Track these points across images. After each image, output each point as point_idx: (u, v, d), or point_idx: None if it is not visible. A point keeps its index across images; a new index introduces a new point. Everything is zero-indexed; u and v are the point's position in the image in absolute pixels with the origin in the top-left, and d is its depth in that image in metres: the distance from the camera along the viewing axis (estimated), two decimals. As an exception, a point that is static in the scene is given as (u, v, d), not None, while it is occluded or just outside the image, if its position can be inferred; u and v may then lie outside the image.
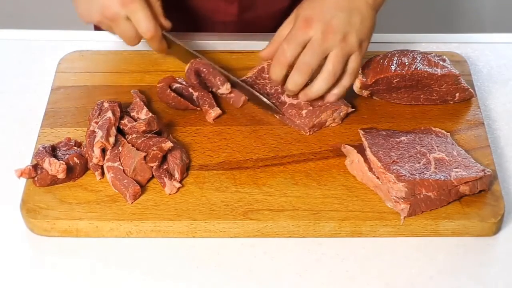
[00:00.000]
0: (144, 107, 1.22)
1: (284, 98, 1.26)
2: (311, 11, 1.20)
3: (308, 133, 1.23)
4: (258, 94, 1.25)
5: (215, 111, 1.24)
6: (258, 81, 1.29)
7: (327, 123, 1.24)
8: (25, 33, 1.43)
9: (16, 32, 1.43)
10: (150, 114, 1.21)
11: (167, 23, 1.30)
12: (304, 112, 1.23)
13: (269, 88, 1.28)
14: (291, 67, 1.21)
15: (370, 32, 1.22)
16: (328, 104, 1.23)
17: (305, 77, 1.20)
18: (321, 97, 1.23)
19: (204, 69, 1.27)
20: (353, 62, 1.21)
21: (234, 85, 1.27)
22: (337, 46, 1.18)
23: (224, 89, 1.26)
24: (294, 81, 1.21)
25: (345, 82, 1.22)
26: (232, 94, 1.27)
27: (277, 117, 1.25)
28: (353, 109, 1.25)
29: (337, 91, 1.22)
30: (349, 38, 1.19)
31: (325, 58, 1.19)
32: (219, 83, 1.25)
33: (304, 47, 1.19)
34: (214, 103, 1.25)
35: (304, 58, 1.19)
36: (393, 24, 1.34)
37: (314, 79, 1.21)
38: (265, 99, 1.24)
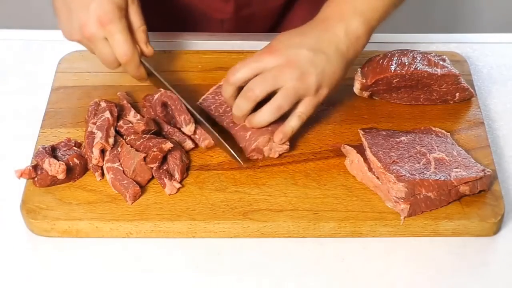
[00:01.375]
0: (132, 109, 1.22)
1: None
2: (277, 43, 1.16)
3: (252, 158, 1.18)
4: (223, 142, 1.18)
5: (187, 145, 1.20)
6: (216, 98, 1.24)
7: (265, 153, 1.18)
8: (25, 33, 1.43)
9: (16, 32, 1.43)
10: (138, 115, 1.21)
11: (149, 51, 1.23)
12: (248, 134, 1.19)
13: (225, 107, 1.23)
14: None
15: (333, 78, 1.16)
16: (269, 129, 1.18)
17: (248, 104, 1.15)
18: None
19: (171, 104, 1.20)
20: (304, 106, 1.15)
21: (200, 125, 1.21)
22: (291, 82, 1.13)
23: (187, 130, 1.19)
24: (238, 106, 1.16)
25: (292, 123, 1.16)
26: (196, 136, 1.20)
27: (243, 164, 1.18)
28: (287, 146, 1.18)
29: (284, 129, 1.16)
30: (307, 78, 1.13)
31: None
32: (183, 122, 1.19)
33: (258, 73, 1.15)
34: (185, 137, 1.20)
35: (252, 84, 1.15)
36: (393, 24, 1.33)
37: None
38: (229, 149, 1.17)
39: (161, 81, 1.24)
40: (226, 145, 1.17)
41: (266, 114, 1.16)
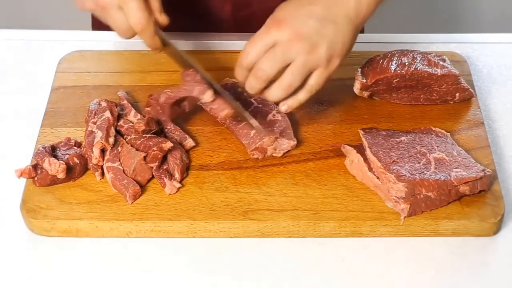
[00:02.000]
0: (132, 108, 1.22)
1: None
2: (283, 14, 1.13)
3: (252, 156, 1.18)
4: (244, 110, 1.17)
5: (188, 143, 1.20)
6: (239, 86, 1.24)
7: (269, 152, 1.18)
8: (25, 33, 1.43)
9: (16, 32, 1.43)
10: (139, 115, 1.21)
11: (163, 19, 1.20)
12: (252, 132, 1.19)
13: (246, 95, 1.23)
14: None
15: (343, 48, 1.13)
16: (274, 128, 1.19)
17: (260, 83, 1.13)
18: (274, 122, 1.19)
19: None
20: (314, 79, 1.13)
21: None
22: (301, 56, 1.10)
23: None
24: (250, 85, 1.14)
25: (300, 96, 1.15)
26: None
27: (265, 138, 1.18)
28: (294, 143, 1.19)
29: (290, 102, 1.15)
30: (317, 50, 1.11)
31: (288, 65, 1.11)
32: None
33: (267, 50, 1.13)
34: (186, 135, 1.20)
35: (262, 64, 1.12)
36: (393, 24, 1.33)
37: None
38: (251, 117, 1.16)
39: (177, 51, 1.22)
40: (247, 114, 1.15)
41: (278, 92, 1.13)
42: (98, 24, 1.40)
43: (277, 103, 1.18)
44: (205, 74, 1.20)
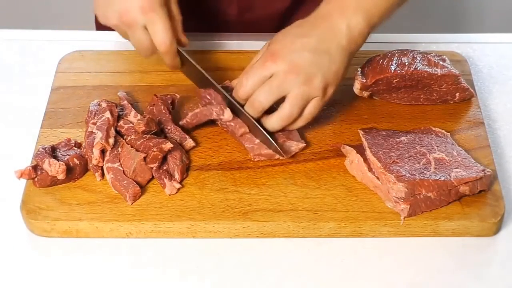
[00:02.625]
0: (132, 109, 1.22)
1: None
2: (278, 47, 1.15)
3: (254, 159, 1.19)
4: (264, 132, 1.17)
5: (188, 143, 1.20)
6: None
7: (276, 156, 1.19)
8: (25, 33, 1.43)
9: (16, 32, 1.43)
10: (139, 115, 1.21)
11: (185, 40, 1.25)
12: (257, 140, 1.19)
13: None
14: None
15: (337, 77, 1.16)
16: (280, 133, 1.19)
17: (256, 113, 1.17)
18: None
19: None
20: (312, 107, 1.16)
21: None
22: (298, 88, 1.14)
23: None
24: (247, 113, 1.18)
25: (297, 124, 1.18)
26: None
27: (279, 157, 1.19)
28: (304, 145, 1.20)
29: (288, 128, 1.19)
30: (313, 81, 1.14)
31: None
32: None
33: (263, 82, 1.15)
34: (186, 136, 1.20)
35: (259, 95, 1.15)
36: (393, 24, 1.33)
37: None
38: (270, 140, 1.17)
39: (196, 69, 1.23)
40: (267, 135, 1.16)
41: (277, 122, 1.17)
42: (103, 25, 1.41)
43: None
44: (223, 91, 1.21)
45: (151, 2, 1.17)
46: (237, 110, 1.19)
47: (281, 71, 1.14)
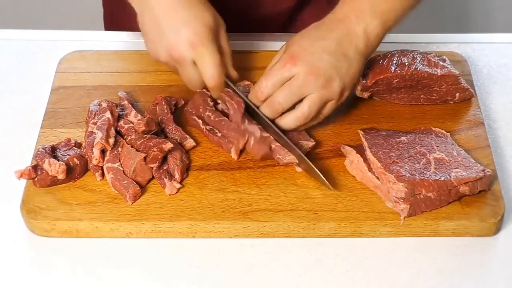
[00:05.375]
0: (132, 109, 1.22)
1: None
2: (298, 49, 1.16)
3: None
4: (312, 166, 1.15)
5: (189, 143, 1.20)
6: None
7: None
8: (25, 33, 1.43)
9: (16, 32, 1.43)
10: (139, 115, 1.21)
11: (234, 75, 1.23)
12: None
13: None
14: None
15: (353, 81, 1.18)
16: (289, 135, 1.19)
17: (274, 114, 1.17)
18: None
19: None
20: (327, 110, 1.18)
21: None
22: (317, 90, 1.15)
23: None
24: (265, 113, 1.18)
25: (309, 124, 1.19)
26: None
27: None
28: (313, 143, 1.19)
29: (299, 128, 1.20)
30: (332, 84, 1.15)
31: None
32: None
33: (283, 83, 1.16)
34: (186, 135, 1.20)
35: (279, 97, 1.16)
36: (393, 24, 1.34)
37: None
38: (319, 173, 1.15)
39: (247, 103, 1.20)
40: (316, 169, 1.15)
41: (293, 122, 1.18)
42: (111, 26, 1.40)
43: None
44: (273, 125, 1.19)
45: (200, 37, 1.16)
46: (252, 111, 1.19)
47: (301, 73, 1.14)
